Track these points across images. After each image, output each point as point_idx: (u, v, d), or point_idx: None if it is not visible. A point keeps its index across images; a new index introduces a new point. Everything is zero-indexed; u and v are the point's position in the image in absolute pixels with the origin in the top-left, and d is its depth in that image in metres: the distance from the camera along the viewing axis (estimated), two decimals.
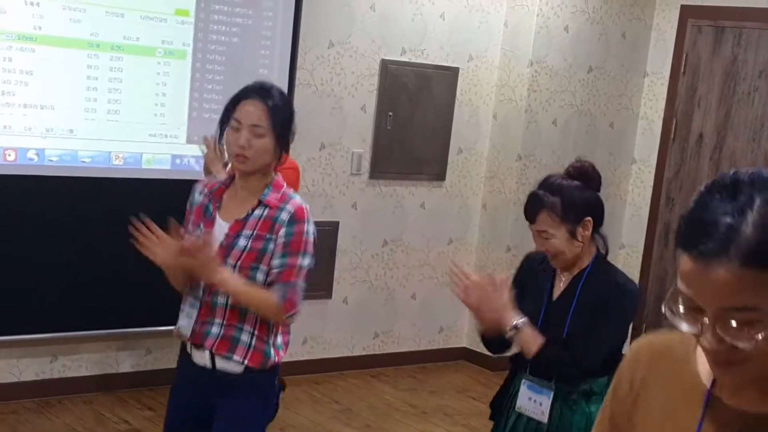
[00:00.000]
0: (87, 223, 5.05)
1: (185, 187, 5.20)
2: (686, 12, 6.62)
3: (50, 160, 4.89)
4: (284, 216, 2.93)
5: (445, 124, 6.28)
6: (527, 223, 3.10)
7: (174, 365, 5.53)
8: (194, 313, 3.07)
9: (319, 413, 5.46)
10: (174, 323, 5.41)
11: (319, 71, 5.70)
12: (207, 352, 3.04)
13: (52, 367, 5.22)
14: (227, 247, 2.97)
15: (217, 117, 5.26)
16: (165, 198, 5.19)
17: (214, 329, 3.01)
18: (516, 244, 6.50)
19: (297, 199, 2.98)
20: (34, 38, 4.75)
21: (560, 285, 3.10)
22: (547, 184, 3.04)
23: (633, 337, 1.98)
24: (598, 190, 3.09)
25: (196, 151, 5.28)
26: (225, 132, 3.08)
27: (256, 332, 2.99)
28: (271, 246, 2.93)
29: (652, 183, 6.85)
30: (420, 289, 6.39)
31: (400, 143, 6.09)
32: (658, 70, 6.79)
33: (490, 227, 6.57)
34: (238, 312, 2.98)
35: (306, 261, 2.95)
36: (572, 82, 6.52)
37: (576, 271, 3.07)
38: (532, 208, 3.04)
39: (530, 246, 6.56)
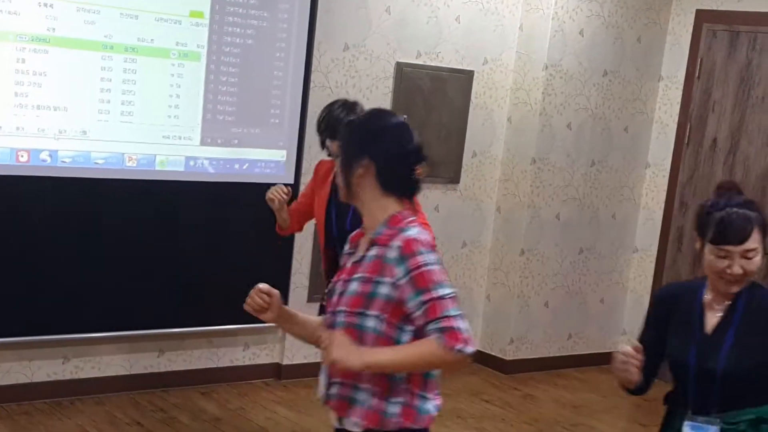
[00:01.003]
0: (100, 224, 5.04)
1: (198, 188, 5.27)
2: (701, 16, 6.59)
3: (63, 162, 4.88)
4: (392, 254, 2.57)
5: (459, 127, 6.26)
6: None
7: (187, 366, 5.56)
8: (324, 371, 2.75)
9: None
10: (187, 324, 5.45)
11: (334, 74, 5.69)
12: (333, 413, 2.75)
13: (65, 369, 5.22)
14: (342, 294, 2.68)
15: (231, 119, 5.32)
16: (178, 200, 5.22)
17: (333, 390, 2.70)
18: (530, 247, 6.48)
19: (409, 232, 2.59)
20: (48, 39, 4.74)
21: (714, 316, 2.91)
22: (735, 203, 2.85)
23: None
24: None
25: (209, 153, 5.29)
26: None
27: (373, 389, 2.62)
28: (383, 290, 2.58)
29: (666, 187, 6.82)
30: None
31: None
32: (673, 74, 6.76)
33: (504, 230, 6.55)
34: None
35: (443, 291, 2.54)
36: (587, 85, 6.50)
37: (727, 299, 2.89)
38: (743, 226, 2.81)
39: (544, 249, 6.57)
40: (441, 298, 2.53)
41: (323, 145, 4.25)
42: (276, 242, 5.31)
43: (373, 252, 2.63)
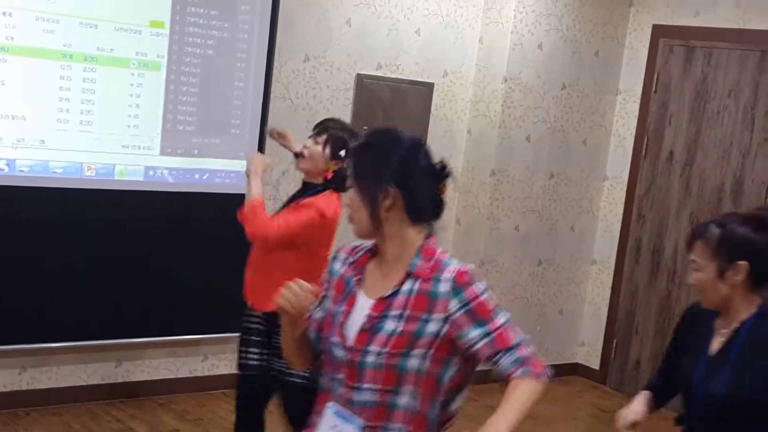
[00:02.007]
0: (57, 233, 5.02)
1: (158, 198, 5.26)
2: (658, 31, 6.69)
3: (21, 171, 4.86)
4: (443, 288, 2.40)
5: None
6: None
7: (146, 377, 5.54)
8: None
9: None
10: (145, 334, 5.43)
11: (294, 85, 5.71)
12: None
13: (21, 379, 5.18)
14: (369, 331, 2.42)
15: (191, 129, 5.31)
16: (137, 210, 5.21)
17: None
18: (489, 258, 6.53)
19: (453, 265, 2.44)
20: (6, 48, 4.72)
21: (719, 339, 2.89)
22: (716, 219, 2.89)
23: None
24: None
25: (169, 162, 5.28)
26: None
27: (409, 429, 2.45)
28: (432, 327, 2.40)
29: (623, 199, 6.90)
30: None
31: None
32: (631, 88, 6.86)
33: (463, 242, 6.59)
34: (385, 411, 2.43)
35: (504, 318, 2.43)
36: (546, 98, 6.57)
37: (735, 323, 2.86)
38: (692, 235, 2.88)
39: (503, 261, 6.62)
40: (504, 326, 2.42)
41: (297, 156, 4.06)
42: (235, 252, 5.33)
43: (412, 286, 2.43)
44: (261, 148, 5.54)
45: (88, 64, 4.95)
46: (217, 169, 5.44)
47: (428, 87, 6.28)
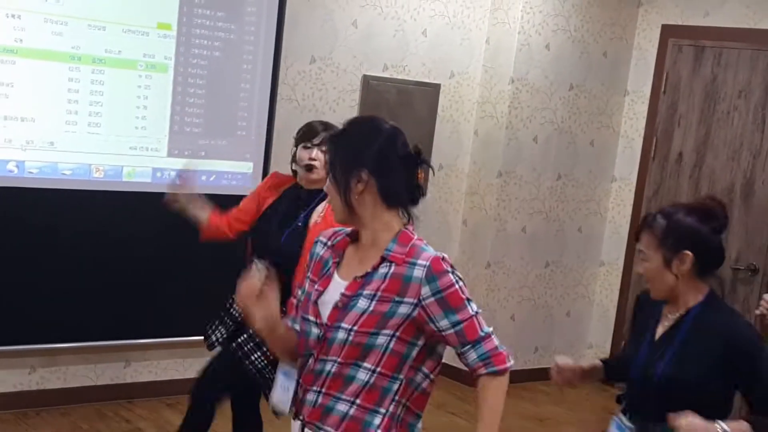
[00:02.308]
0: (67, 235, 5.05)
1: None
2: (667, 31, 6.68)
3: (30, 173, 4.89)
4: (417, 273, 2.46)
5: (426, 140, 6.30)
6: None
7: (154, 378, 5.56)
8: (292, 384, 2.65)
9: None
10: (153, 335, 5.45)
11: (300, 86, 5.73)
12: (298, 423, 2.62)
13: (30, 379, 5.21)
14: (342, 309, 2.50)
15: (198, 131, 5.33)
16: (145, 211, 5.23)
17: (310, 397, 2.57)
18: (496, 260, 6.53)
19: (429, 251, 2.51)
20: (15, 51, 4.75)
21: (665, 324, 2.96)
22: (664, 209, 2.95)
23: None
24: (720, 231, 2.91)
25: (176, 164, 5.29)
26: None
27: (358, 402, 2.52)
28: (403, 310, 2.46)
29: (632, 201, 6.89)
30: None
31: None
32: (639, 88, 6.85)
33: (470, 243, 6.59)
34: (341, 381, 2.52)
35: (474, 307, 2.52)
36: (553, 99, 6.57)
37: (682, 310, 2.92)
38: (640, 226, 2.95)
39: (510, 263, 6.62)
40: (474, 316, 2.50)
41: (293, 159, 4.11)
42: (241, 254, 5.35)
43: (387, 270, 2.48)
44: (267, 150, 5.57)
45: (96, 66, 4.98)
46: (223, 170, 5.45)
47: (435, 88, 6.28)
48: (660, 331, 2.96)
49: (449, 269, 2.49)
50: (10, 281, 4.94)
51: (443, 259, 2.50)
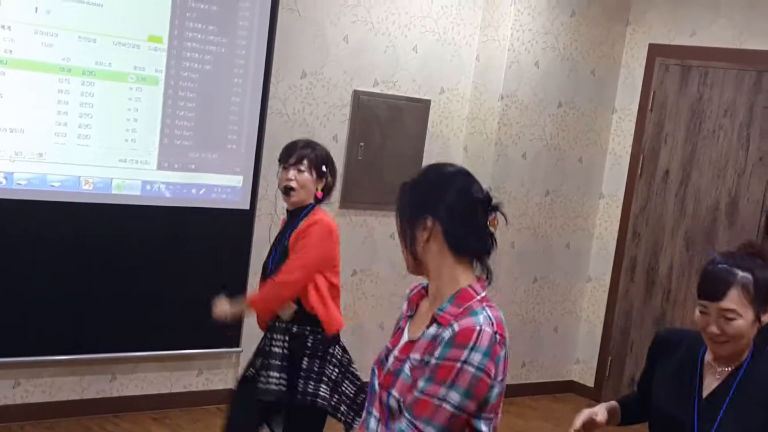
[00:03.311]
0: (54, 247, 5.02)
1: (155, 213, 5.26)
2: (654, 51, 6.73)
3: (19, 184, 4.86)
4: (446, 334, 2.20)
5: (416, 155, 6.31)
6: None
7: (140, 391, 5.53)
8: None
9: None
10: (140, 348, 5.42)
11: (291, 101, 5.73)
12: None
13: (15, 393, 5.17)
14: (393, 374, 2.30)
15: (189, 143, 5.33)
16: (134, 224, 5.22)
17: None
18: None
19: (477, 319, 2.21)
20: (5, 61, 4.74)
21: (713, 379, 2.73)
22: (730, 261, 2.68)
23: None
24: None
25: (166, 177, 5.29)
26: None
27: None
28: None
29: (619, 217, 6.92)
30: (388, 319, 6.39)
31: (371, 173, 6.12)
32: (626, 106, 6.89)
33: None
34: None
35: (452, 395, 2.17)
36: (542, 116, 6.59)
37: (734, 364, 2.71)
38: (721, 283, 2.64)
39: (499, 278, 6.61)
40: (441, 400, 2.17)
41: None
42: (231, 267, 5.35)
43: (432, 331, 2.26)
44: (257, 164, 5.56)
45: (86, 78, 4.97)
46: (213, 184, 5.44)
47: (425, 104, 6.30)
48: (710, 385, 2.74)
49: (472, 346, 2.18)
50: None
51: (479, 332, 2.19)
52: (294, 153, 3.98)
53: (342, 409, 3.98)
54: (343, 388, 3.99)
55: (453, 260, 2.30)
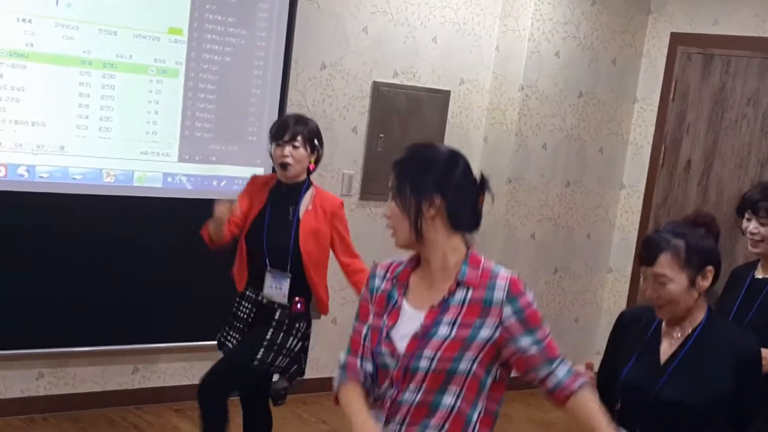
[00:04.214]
0: (77, 239, 5.04)
1: (176, 205, 5.27)
2: (676, 39, 6.68)
3: (41, 177, 4.88)
4: (497, 295, 2.49)
5: None
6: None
7: (162, 383, 5.55)
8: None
9: None
10: (162, 340, 5.44)
11: (311, 92, 5.72)
12: None
13: (38, 384, 5.20)
14: (422, 338, 2.49)
15: (209, 136, 5.34)
16: (155, 216, 5.23)
17: (393, 428, 2.55)
18: (505, 266, 6.48)
19: (503, 271, 2.54)
20: (26, 55, 4.75)
21: (669, 345, 2.89)
22: (668, 228, 2.87)
23: None
24: (717, 242, 2.91)
25: (187, 169, 5.30)
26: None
27: (446, 428, 2.52)
28: (485, 333, 2.48)
29: (640, 208, 6.88)
30: None
31: (390, 165, 6.08)
32: (648, 96, 6.84)
33: (479, 249, 6.51)
34: (427, 409, 2.51)
35: (548, 328, 2.56)
36: (562, 106, 6.56)
37: (689, 329, 2.86)
38: (653, 249, 2.82)
39: (519, 269, 6.60)
40: (550, 336, 2.55)
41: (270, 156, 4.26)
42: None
43: (464, 294, 2.51)
44: None
45: (107, 71, 4.98)
46: (234, 176, 5.45)
47: (445, 95, 6.28)
48: (665, 351, 2.88)
49: (524, 289, 2.53)
50: (19, 285, 4.93)
51: (519, 279, 2.54)
52: (288, 130, 4.15)
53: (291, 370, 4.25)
54: (301, 356, 4.27)
55: (451, 233, 2.53)
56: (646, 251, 2.84)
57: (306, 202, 4.18)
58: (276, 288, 4.15)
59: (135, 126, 5.11)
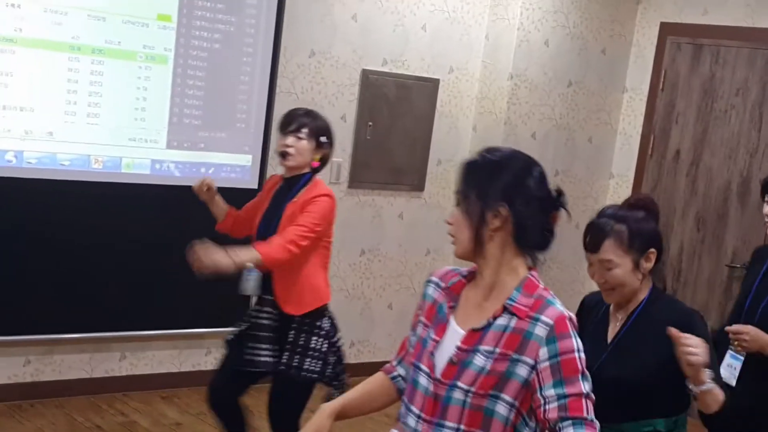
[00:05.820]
0: (64, 225, 5.03)
1: (164, 192, 5.26)
2: (665, 29, 6.68)
3: (29, 163, 4.87)
4: (539, 331, 2.20)
5: (424, 135, 6.30)
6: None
7: (150, 370, 5.55)
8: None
9: None
10: (150, 327, 5.44)
11: (299, 80, 5.71)
12: None
13: (25, 371, 5.19)
14: (458, 365, 2.25)
15: (198, 123, 5.32)
16: (143, 203, 5.22)
17: None
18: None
19: (556, 307, 2.23)
20: (15, 40, 4.73)
21: (616, 325, 2.97)
22: (609, 213, 2.91)
23: None
24: (657, 224, 2.98)
25: (175, 156, 5.29)
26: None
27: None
28: (522, 372, 2.20)
29: None
30: (397, 299, 6.40)
31: (379, 153, 6.11)
32: (637, 86, 6.85)
33: None
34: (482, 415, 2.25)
35: (586, 386, 2.21)
36: (551, 96, 6.56)
37: (632, 308, 2.94)
38: (596, 235, 2.86)
39: None
40: (587, 395, 2.21)
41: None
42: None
43: (507, 322, 2.24)
44: (266, 143, 5.55)
45: (95, 57, 4.96)
46: (222, 163, 5.44)
47: (434, 83, 6.27)
48: (611, 332, 2.97)
49: (572, 332, 2.22)
50: (6, 272, 4.92)
51: (569, 319, 2.22)
52: (293, 121, 4.06)
53: (327, 372, 4.05)
54: (330, 358, 4.06)
55: (513, 251, 2.28)
56: (591, 238, 2.89)
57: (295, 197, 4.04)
58: (247, 280, 4.05)
59: (123, 112, 5.09)
